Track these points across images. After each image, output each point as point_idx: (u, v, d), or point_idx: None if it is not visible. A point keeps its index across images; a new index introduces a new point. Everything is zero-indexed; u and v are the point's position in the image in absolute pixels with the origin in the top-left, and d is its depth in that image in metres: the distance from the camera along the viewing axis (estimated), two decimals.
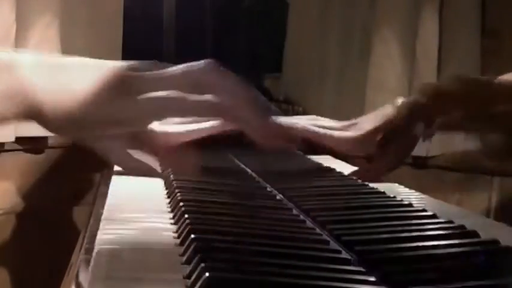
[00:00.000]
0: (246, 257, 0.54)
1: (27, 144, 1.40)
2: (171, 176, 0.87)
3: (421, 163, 1.59)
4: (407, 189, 0.95)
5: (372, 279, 0.52)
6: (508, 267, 0.55)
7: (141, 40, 1.86)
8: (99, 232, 0.64)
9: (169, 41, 1.86)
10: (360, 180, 0.94)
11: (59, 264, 0.69)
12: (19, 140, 1.35)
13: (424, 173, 1.61)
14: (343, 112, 1.70)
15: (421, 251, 0.59)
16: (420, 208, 0.77)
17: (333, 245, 0.62)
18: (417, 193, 0.93)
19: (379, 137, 0.90)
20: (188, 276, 0.51)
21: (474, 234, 0.65)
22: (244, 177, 0.98)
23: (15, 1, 1.33)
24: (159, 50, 1.86)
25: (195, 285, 0.49)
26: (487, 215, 1.50)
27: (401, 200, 0.81)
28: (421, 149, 1.13)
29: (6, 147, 1.36)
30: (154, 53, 1.87)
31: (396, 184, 0.98)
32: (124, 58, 1.63)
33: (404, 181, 0.98)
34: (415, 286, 0.50)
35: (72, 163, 1.44)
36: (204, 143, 0.97)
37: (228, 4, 1.52)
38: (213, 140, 1.00)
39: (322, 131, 0.97)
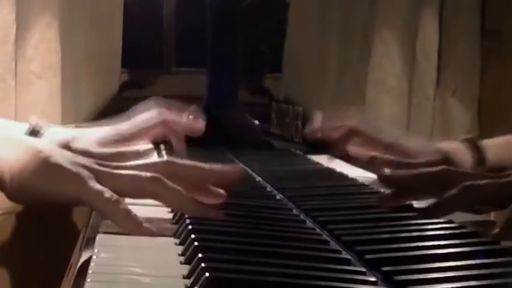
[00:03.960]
0: (246, 257, 0.54)
1: None
2: None
3: None
4: None
5: (372, 279, 0.52)
6: (508, 268, 0.55)
7: (141, 40, 1.86)
8: (99, 232, 0.64)
9: (169, 41, 1.86)
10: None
11: (59, 264, 0.69)
12: None
13: None
14: None
15: (421, 251, 0.59)
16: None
17: (333, 245, 0.62)
18: None
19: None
20: (188, 276, 0.51)
21: (474, 234, 0.65)
22: (246, 179, 0.98)
23: (15, 1, 1.33)
24: (159, 50, 1.86)
25: (195, 285, 0.49)
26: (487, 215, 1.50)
27: None
28: None
29: None
30: (154, 53, 1.87)
31: None
32: (124, 58, 1.64)
33: None
34: (415, 286, 0.50)
35: None
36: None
37: (228, 4, 1.52)
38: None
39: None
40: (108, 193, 0.66)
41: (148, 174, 0.69)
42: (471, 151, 1.02)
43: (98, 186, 0.66)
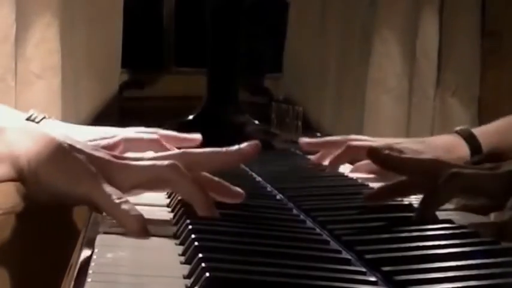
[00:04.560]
0: (246, 257, 0.54)
1: None
2: None
3: None
4: None
5: (372, 279, 0.52)
6: (508, 268, 0.55)
7: (141, 40, 1.86)
8: (99, 232, 0.64)
9: (169, 41, 1.86)
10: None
11: (59, 264, 0.68)
12: None
13: None
14: (343, 112, 1.70)
15: (421, 251, 0.59)
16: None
17: (333, 245, 0.62)
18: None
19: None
20: (188, 276, 0.51)
21: (474, 234, 0.65)
22: (246, 179, 0.98)
23: (15, 1, 1.33)
24: (159, 50, 1.86)
25: (195, 285, 0.49)
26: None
27: (401, 200, 0.81)
28: None
29: None
30: (154, 53, 1.87)
31: None
32: (124, 58, 1.64)
33: None
34: (415, 286, 0.50)
35: None
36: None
37: (228, 4, 1.52)
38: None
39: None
40: (115, 195, 0.66)
41: (165, 162, 0.69)
42: (466, 141, 1.02)
43: (108, 189, 0.66)
